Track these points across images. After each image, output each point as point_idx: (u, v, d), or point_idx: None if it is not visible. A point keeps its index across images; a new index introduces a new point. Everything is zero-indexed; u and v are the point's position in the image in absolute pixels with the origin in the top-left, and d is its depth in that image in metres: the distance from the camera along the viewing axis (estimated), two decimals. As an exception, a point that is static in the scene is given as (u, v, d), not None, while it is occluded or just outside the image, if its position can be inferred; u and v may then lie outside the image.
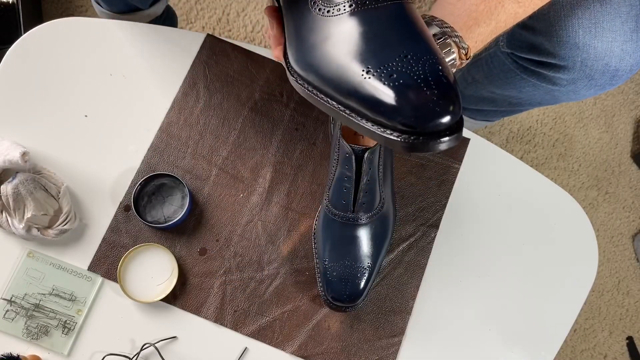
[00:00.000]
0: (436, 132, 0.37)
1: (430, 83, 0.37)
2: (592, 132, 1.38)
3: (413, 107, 0.37)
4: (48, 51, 0.76)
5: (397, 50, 0.39)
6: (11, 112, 0.74)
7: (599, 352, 1.27)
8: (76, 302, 0.69)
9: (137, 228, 0.72)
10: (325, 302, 0.68)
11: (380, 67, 0.38)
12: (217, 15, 1.31)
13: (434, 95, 0.36)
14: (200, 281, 0.71)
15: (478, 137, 0.80)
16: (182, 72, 0.78)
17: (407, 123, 0.37)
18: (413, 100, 0.37)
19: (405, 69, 0.38)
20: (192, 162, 0.75)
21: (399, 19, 0.41)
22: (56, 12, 1.27)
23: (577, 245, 0.78)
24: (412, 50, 0.39)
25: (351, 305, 0.68)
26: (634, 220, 1.35)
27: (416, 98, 0.37)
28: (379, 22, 0.41)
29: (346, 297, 0.67)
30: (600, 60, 0.66)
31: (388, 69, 0.38)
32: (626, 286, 1.31)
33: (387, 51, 0.39)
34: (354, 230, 0.68)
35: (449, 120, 0.37)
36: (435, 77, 0.37)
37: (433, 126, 0.37)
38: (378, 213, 0.68)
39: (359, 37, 0.40)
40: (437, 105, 0.36)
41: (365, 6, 0.41)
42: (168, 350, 0.69)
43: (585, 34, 0.65)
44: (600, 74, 0.68)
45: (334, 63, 0.41)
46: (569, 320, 0.75)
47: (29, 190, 0.67)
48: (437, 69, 0.38)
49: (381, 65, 0.38)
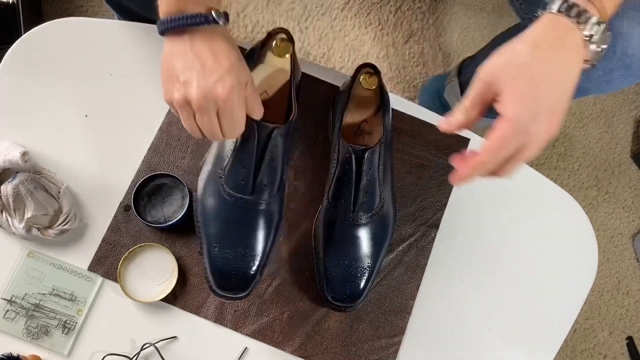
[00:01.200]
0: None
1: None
2: (592, 132, 1.39)
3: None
4: (48, 51, 0.76)
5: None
6: (11, 112, 0.74)
7: (599, 352, 1.27)
8: (76, 302, 0.69)
9: (137, 228, 0.72)
10: (326, 302, 0.68)
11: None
12: (217, 15, 1.31)
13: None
14: (200, 281, 0.71)
15: (478, 137, 0.80)
16: (182, 72, 0.78)
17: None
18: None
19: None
20: (192, 162, 0.75)
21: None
22: (56, 12, 1.27)
23: (577, 245, 0.78)
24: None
25: (351, 305, 0.67)
26: (634, 220, 1.35)
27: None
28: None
29: (346, 297, 0.67)
30: None
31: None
32: (626, 286, 1.31)
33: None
34: (354, 230, 0.67)
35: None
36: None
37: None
38: (378, 213, 0.68)
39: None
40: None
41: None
42: (168, 350, 0.69)
43: (629, 22, 0.64)
44: (638, 63, 0.68)
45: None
46: (569, 320, 0.75)
47: (29, 190, 0.67)
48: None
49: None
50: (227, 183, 0.63)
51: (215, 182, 0.64)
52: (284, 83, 0.70)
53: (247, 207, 0.63)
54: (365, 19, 1.35)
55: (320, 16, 1.34)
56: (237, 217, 0.63)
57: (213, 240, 0.63)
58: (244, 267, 0.63)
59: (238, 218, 0.63)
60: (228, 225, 0.63)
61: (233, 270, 0.63)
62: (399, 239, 0.75)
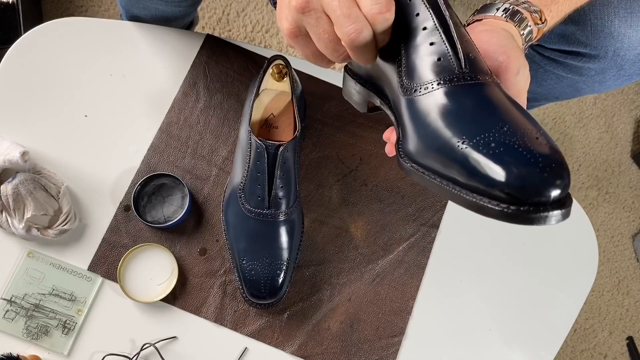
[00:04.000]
0: (542, 204, 0.34)
1: (535, 154, 0.35)
2: (592, 132, 1.39)
3: (517, 177, 0.34)
4: (48, 51, 0.76)
5: (494, 122, 0.37)
6: (11, 112, 0.74)
7: (599, 352, 1.27)
8: (76, 302, 0.69)
9: (137, 228, 0.72)
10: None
11: (477, 138, 0.37)
12: (217, 15, 1.31)
13: (539, 166, 0.34)
14: (200, 281, 0.71)
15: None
16: (182, 72, 0.78)
17: (511, 193, 0.34)
18: (516, 171, 0.34)
19: (505, 139, 0.36)
20: (192, 162, 0.75)
21: (490, 96, 0.40)
22: (56, 12, 1.27)
23: (577, 245, 0.78)
24: (509, 123, 0.37)
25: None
26: (634, 220, 1.35)
27: (520, 168, 0.34)
28: (471, 98, 0.39)
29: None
30: (633, 49, 0.66)
31: (485, 139, 0.37)
32: (626, 286, 1.31)
33: (483, 123, 0.37)
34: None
35: (558, 194, 0.34)
36: (538, 149, 0.35)
37: (539, 198, 0.34)
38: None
39: (453, 111, 0.39)
40: (543, 177, 0.34)
41: (452, 83, 0.40)
42: (168, 350, 0.69)
43: (621, 23, 0.65)
44: (631, 63, 0.68)
45: (433, 140, 0.40)
46: (569, 320, 0.75)
47: (29, 190, 0.67)
48: (537, 141, 0.36)
49: (477, 135, 0.37)
50: (246, 201, 0.67)
51: (236, 202, 0.68)
52: (287, 103, 0.74)
53: (267, 220, 0.67)
54: (365, 19, 1.35)
55: (320, 16, 1.34)
56: (259, 231, 0.67)
57: (241, 255, 0.68)
58: (272, 276, 0.67)
59: (260, 231, 0.67)
60: (252, 239, 0.67)
61: (262, 280, 0.67)
62: (399, 238, 0.75)
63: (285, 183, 0.66)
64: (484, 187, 0.36)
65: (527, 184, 0.34)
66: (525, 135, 0.36)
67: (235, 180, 0.69)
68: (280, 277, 0.67)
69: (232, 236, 0.69)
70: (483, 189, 0.36)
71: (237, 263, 0.68)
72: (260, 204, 0.66)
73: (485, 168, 0.36)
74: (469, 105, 0.39)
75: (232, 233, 0.69)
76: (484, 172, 0.36)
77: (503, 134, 0.36)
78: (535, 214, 0.34)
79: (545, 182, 0.34)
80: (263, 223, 0.67)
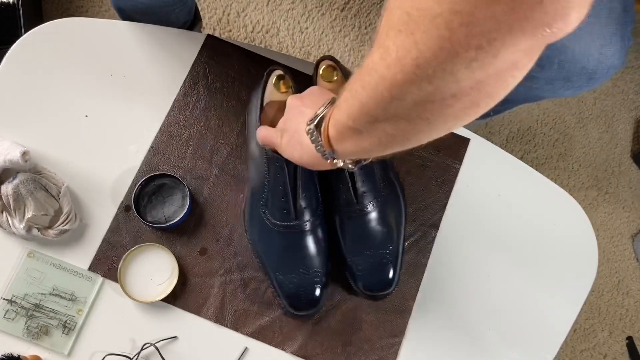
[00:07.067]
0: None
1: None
2: (592, 132, 1.39)
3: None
4: (48, 51, 0.77)
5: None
6: (12, 112, 0.74)
7: (599, 352, 1.27)
8: (76, 302, 0.69)
9: (138, 228, 0.72)
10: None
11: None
12: (218, 15, 1.31)
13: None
14: (201, 281, 0.71)
15: (478, 137, 0.80)
16: (182, 72, 0.78)
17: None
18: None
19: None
20: (193, 162, 0.75)
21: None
22: (56, 13, 1.27)
23: (577, 246, 0.78)
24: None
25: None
26: (634, 220, 1.35)
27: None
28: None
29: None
30: (577, 62, 0.66)
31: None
32: (626, 286, 1.31)
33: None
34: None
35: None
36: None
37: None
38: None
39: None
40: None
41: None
42: (168, 350, 0.69)
43: (567, 35, 0.65)
44: (577, 76, 0.68)
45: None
46: (569, 320, 0.75)
47: (30, 190, 0.67)
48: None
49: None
50: (271, 215, 0.67)
51: (260, 219, 0.68)
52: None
53: (294, 231, 0.67)
54: (365, 19, 1.35)
55: (320, 16, 1.34)
56: (288, 244, 0.67)
57: (276, 270, 0.68)
58: (309, 285, 0.67)
59: (289, 244, 0.67)
60: (283, 252, 0.67)
61: (300, 290, 0.67)
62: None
63: (307, 191, 0.66)
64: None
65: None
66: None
67: (254, 196, 0.68)
68: (318, 286, 0.67)
69: (261, 252, 0.68)
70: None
71: (272, 278, 0.68)
72: (286, 216, 0.66)
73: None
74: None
75: (261, 249, 0.68)
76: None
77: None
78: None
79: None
80: (292, 234, 0.67)
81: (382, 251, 0.68)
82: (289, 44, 1.32)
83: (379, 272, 0.67)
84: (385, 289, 0.68)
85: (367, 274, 0.68)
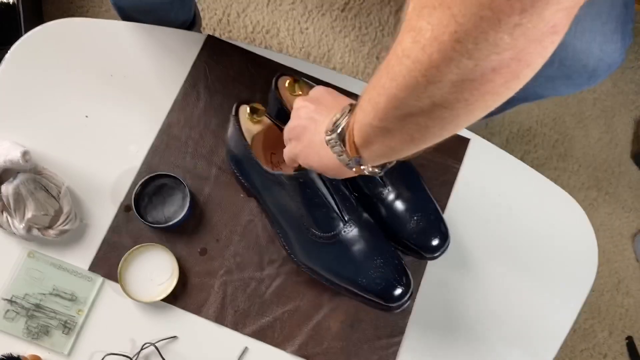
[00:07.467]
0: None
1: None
2: (592, 133, 1.39)
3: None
4: (49, 52, 0.77)
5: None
6: (12, 112, 0.74)
7: (598, 352, 1.27)
8: (77, 302, 0.69)
9: (138, 228, 0.72)
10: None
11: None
12: (218, 16, 1.31)
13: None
14: (201, 281, 0.72)
15: (478, 137, 0.80)
16: (182, 72, 0.78)
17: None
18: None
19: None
20: (193, 163, 0.75)
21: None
22: (57, 13, 1.27)
23: (577, 245, 0.78)
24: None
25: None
26: (634, 220, 1.35)
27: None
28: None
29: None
30: (578, 60, 0.66)
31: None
32: (626, 286, 1.31)
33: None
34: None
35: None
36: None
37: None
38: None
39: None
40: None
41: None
42: (168, 350, 0.69)
43: (565, 32, 0.65)
44: (578, 73, 0.68)
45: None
46: (569, 320, 0.75)
47: (30, 191, 0.67)
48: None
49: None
50: (320, 231, 0.64)
51: (309, 240, 0.66)
52: (278, 135, 0.69)
53: (347, 233, 0.65)
54: (365, 19, 1.35)
55: (320, 16, 1.34)
56: (350, 248, 0.65)
57: (355, 278, 0.64)
58: (391, 270, 0.64)
59: (351, 247, 0.65)
60: (351, 258, 0.64)
61: (390, 278, 0.63)
62: (399, 239, 0.75)
63: (338, 192, 0.64)
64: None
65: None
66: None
67: (297, 229, 0.66)
68: (399, 266, 0.64)
69: (335, 272, 0.66)
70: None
71: (357, 286, 0.64)
72: (336, 223, 0.64)
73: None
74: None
75: (331, 270, 0.66)
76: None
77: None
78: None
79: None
80: (349, 236, 0.65)
81: (423, 213, 0.68)
82: (289, 44, 1.32)
83: (432, 230, 0.68)
84: (444, 244, 0.69)
85: (423, 237, 0.68)
